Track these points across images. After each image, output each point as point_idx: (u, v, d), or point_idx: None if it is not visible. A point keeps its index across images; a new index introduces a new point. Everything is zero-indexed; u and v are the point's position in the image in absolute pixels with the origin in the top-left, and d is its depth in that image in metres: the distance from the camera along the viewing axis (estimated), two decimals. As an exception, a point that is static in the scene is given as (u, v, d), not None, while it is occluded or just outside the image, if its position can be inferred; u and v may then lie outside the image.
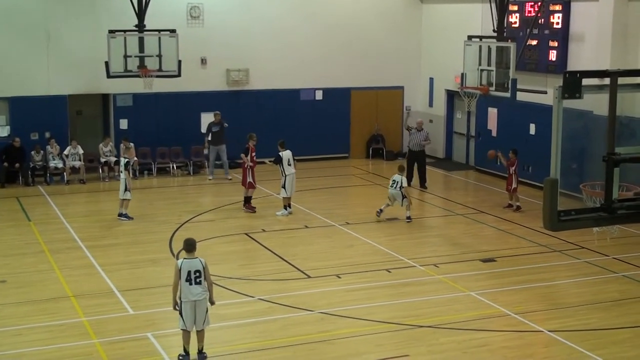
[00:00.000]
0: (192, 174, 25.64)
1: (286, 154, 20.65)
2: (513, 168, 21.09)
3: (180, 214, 20.31)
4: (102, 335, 12.66)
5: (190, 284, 11.48)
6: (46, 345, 12.25)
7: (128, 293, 14.54)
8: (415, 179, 23.81)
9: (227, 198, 22.27)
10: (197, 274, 11.52)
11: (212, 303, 11.90)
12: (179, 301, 11.60)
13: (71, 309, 13.83)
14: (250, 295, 14.46)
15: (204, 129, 26.57)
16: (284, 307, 13.92)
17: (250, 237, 18.31)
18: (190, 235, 14.97)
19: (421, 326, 13.11)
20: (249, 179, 20.64)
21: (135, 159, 24.24)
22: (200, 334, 11.78)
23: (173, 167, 25.79)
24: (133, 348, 12.22)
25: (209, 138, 25.15)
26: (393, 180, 19.73)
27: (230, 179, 24.65)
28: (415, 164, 24.01)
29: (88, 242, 17.75)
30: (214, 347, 12.27)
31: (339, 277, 15.55)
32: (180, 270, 11.51)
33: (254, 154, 20.78)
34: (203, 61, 26.60)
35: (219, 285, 15.00)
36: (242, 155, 20.99)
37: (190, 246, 11.74)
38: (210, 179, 24.75)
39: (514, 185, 21.04)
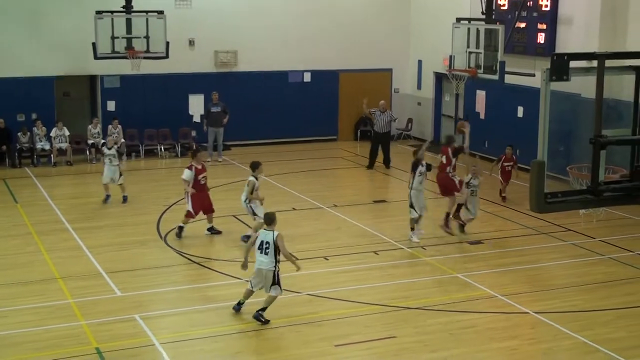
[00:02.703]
0: (180, 155, 25.58)
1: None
2: (511, 164, 20.76)
3: (168, 196, 20.27)
4: (89, 316, 12.65)
5: (260, 253, 12.36)
6: (34, 327, 12.23)
7: (115, 275, 14.52)
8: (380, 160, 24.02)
9: (215, 180, 22.18)
10: (267, 246, 12.31)
11: (297, 268, 12.77)
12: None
13: (58, 291, 13.81)
14: (238, 278, 14.45)
15: (192, 111, 26.54)
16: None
17: (238, 219, 18.29)
18: (176, 218, 15.02)
19: (408, 308, 13.16)
20: (189, 207, 17.03)
21: (123, 140, 24.22)
22: (269, 297, 12.44)
23: (161, 149, 25.71)
24: (120, 330, 12.22)
25: (207, 120, 25.04)
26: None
27: (220, 161, 24.63)
28: (380, 146, 24.10)
29: (75, 224, 17.71)
30: (202, 329, 12.30)
31: (327, 259, 15.58)
32: (257, 238, 12.46)
33: (200, 176, 17.03)
34: (191, 43, 26.48)
35: (207, 267, 15.06)
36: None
37: (269, 220, 12.58)
38: (208, 161, 24.69)
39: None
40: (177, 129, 26.09)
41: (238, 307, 12.78)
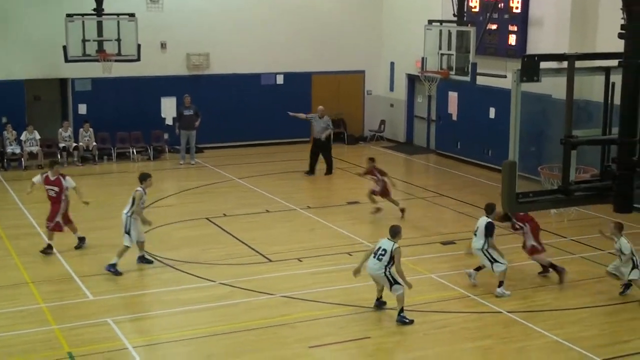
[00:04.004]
0: (152, 159, 25.47)
1: None
2: (371, 176, 19.11)
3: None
4: (61, 321, 12.55)
5: (374, 257, 12.70)
6: (5, 332, 12.12)
7: (87, 279, 14.42)
8: (322, 167, 23.53)
9: (188, 183, 22.18)
10: (383, 252, 12.65)
11: (409, 286, 12.77)
12: None
13: (30, 295, 13.69)
14: (211, 280, 14.42)
15: (164, 114, 26.45)
16: (246, 291, 13.91)
17: (211, 221, 18.24)
18: (153, 220, 14.97)
19: (383, 309, 13.17)
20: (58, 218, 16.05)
21: (94, 144, 24.06)
22: (396, 298, 12.70)
23: (133, 152, 25.58)
24: (93, 334, 12.13)
25: (179, 122, 24.94)
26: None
27: (193, 164, 24.56)
28: (320, 153, 23.59)
29: (44, 229, 17.52)
30: (175, 332, 12.25)
31: (300, 261, 15.58)
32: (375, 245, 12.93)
33: (48, 187, 16.12)
34: (163, 45, 26.38)
35: (180, 270, 14.97)
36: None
37: (394, 232, 12.91)
38: (181, 164, 24.59)
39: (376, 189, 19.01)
40: (150, 131, 25.96)
41: (378, 303, 13.12)
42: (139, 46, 22.49)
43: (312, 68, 28.29)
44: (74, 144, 24.73)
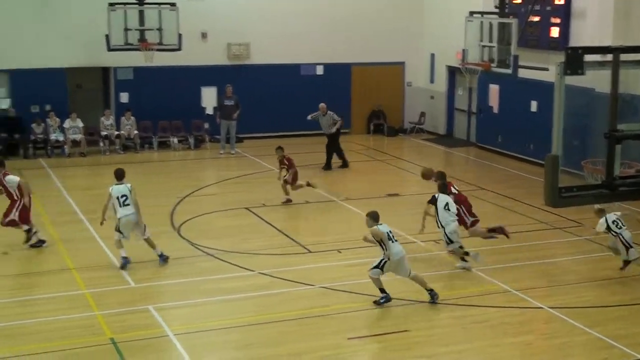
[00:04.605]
0: (193, 147, 25.65)
1: None
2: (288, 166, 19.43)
3: (181, 188, 20.31)
4: (103, 307, 12.70)
5: (395, 242, 12.96)
6: (49, 317, 12.29)
7: (129, 266, 14.55)
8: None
9: (228, 172, 22.29)
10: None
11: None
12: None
13: (73, 281, 13.88)
14: (251, 270, 14.50)
15: (204, 104, 26.61)
16: (285, 282, 13.96)
17: (251, 211, 18.33)
18: (189, 210, 15.05)
19: (421, 302, 13.15)
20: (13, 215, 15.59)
21: (136, 132, 24.31)
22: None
23: (174, 141, 25.77)
24: (134, 320, 12.27)
25: (220, 112, 25.09)
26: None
27: (235, 154, 24.70)
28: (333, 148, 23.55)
29: (89, 215, 17.74)
30: (215, 320, 12.34)
31: (340, 252, 15.59)
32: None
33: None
34: (204, 35, 26.51)
35: (220, 259, 15.08)
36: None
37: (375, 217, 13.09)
38: (221, 153, 24.74)
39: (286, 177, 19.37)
40: (190, 121, 26.15)
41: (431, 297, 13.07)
42: (180, 36, 22.60)
43: (352, 59, 28.25)
44: (116, 132, 25.01)
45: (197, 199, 19.49)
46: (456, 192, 15.64)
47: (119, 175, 14.95)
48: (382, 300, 12.96)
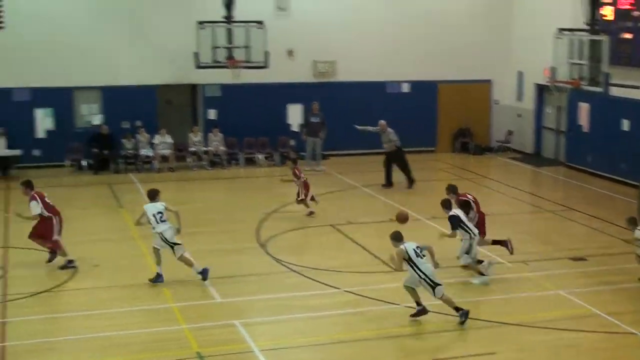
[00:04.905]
0: (278, 164, 25.85)
1: None
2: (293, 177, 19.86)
3: (266, 204, 20.44)
4: (190, 321, 12.85)
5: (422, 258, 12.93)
6: (137, 329, 12.50)
7: (215, 281, 14.69)
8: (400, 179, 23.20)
9: (313, 189, 22.29)
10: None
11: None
12: None
13: (161, 295, 14.08)
14: (336, 287, 14.48)
15: (290, 120, 26.81)
16: (370, 300, 13.89)
17: (336, 228, 18.34)
18: (274, 226, 15.11)
19: (508, 324, 12.92)
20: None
21: (223, 148, 24.53)
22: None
23: (260, 157, 26.02)
24: (221, 335, 12.38)
25: (307, 129, 25.27)
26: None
27: (320, 171, 24.80)
28: (394, 165, 23.22)
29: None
30: (301, 337, 12.35)
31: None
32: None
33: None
34: (290, 53, 26.75)
35: (305, 276, 15.10)
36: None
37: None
38: (307, 170, 24.87)
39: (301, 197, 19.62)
40: (276, 137, 26.38)
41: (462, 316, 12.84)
42: (267, 53, 22.85)
43: (439, 77, 28.09)
44: (204, 148, 25.41)
45: (283, 216, 19.59)
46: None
47: (152, 196, 15.06)
48: (418, 314, 12.93)
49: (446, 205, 15.26)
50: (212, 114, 26.42)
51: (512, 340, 12.38)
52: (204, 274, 14.65)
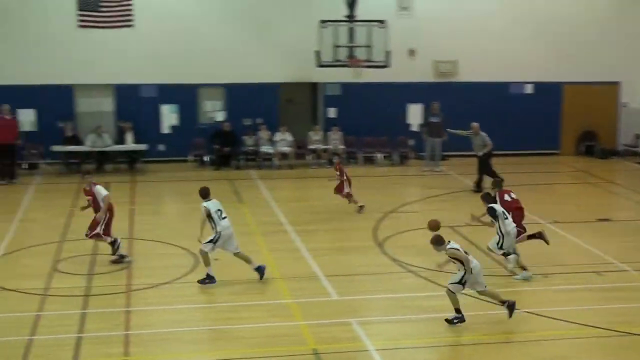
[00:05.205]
0: (397, 164, 25.75)
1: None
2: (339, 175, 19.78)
3: (384, 204, 20.38)
4: (307, 318, 12.91)
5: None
6: (256, 324, 12.63)
7: (332, 278, 14.75)
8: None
9: (432, 190, 22.16)
10: None
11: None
12: None
13: (278, 291, 14.22)
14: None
15: (410, 120, 26.68)
16: (488, 304, 13.59)
17: (454, 230, 18.10)
18: (392, 225, 15.04)
19: (634, 334, 12.43)
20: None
21: (342, 147, 24.59)
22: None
23: (379, 156, 26.00)
24: (337, 333, 12.38)
25: (426, 129, 25.12)
26: None
27: (439, 172, 24.59)
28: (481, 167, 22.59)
29: (295, 227, 18.21)
30: (417, 338, 12.25)
31: (546, 277, 15.05)
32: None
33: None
34: (411, 52, 26.60)
35: (423, 277, 14.97)
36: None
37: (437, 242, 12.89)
38: (426, 170, 24.73)
39: (346, 190, 19.73)
40: (395, 137, 26.27)
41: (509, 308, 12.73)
42: (388, 52, 22.77)
43: (563, 78, 27.38)
44: (323, 147, 25.57)
45: (401, 215, 19.49)
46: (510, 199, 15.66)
47: (206, 194, 14.88)
48: (455, 321, 12.59)
49: (485, 199, 15.27)
50: (332, 112, 26.57)
51: (637, 351, 11.92)
52: (260, 270, 14.60)
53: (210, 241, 14.39)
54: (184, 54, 25.39)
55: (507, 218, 14.82)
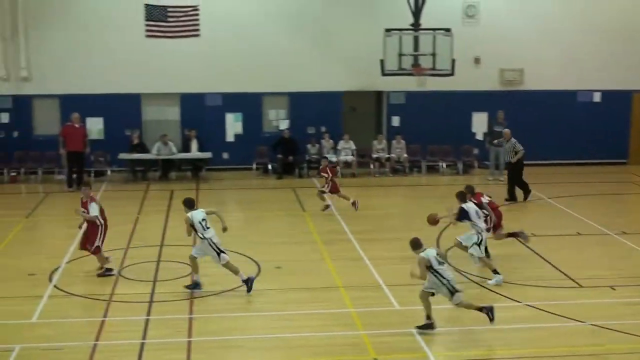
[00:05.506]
0: (461, 173, 25.53)
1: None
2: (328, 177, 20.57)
3: (446, 213, 20.14)
4: (368, 327, 12.85)
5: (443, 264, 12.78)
6: (315, 332, 12.64)
7: (394, 288, 14.66)
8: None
9: (496, 199, 21.75)
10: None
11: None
12: None
13: (340, 299, 14.19)
14: (517, 300, 14.07)
15: (474, 129, 26.43)
16: (553, 316, 13.40)
17: (518, 240, 17.83)
18: (457, 234, 14.91)
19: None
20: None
21: (405, 155, 24.47)
22: None
23: (442, 165, 25.80)
24: (398, 343, 12.30)
25: (490, 138, 24.87)
26: None
27: (502, 181, 24.27)
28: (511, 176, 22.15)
29: (357, 235, 18.16)
30: (478, 350, 12.09)
31: (614, 289, 14.71)
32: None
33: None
34: (477, 60, 26.35)
35: (485, 288, 14.78)
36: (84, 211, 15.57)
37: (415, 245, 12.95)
38: (490, 179, 24.47)
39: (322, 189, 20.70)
40: (459, 146, 26.05)
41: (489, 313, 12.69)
42: (453, 61, 22.58)
43: (633, 86, 26.81)
44: (386, 155, 25.49)
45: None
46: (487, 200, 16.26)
47: (192, 204, 14.64)
48: (425, 327, 12.59)
49: (460, 197, 15.61)
50: (395, 120, 26.48)
51: None
52: (248, 283, 14.40)
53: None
54: (249, 62, 25.58)
55: (483, 217, 15.47)
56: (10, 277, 15.26)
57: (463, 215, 15.30)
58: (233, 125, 26.16)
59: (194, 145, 25.34)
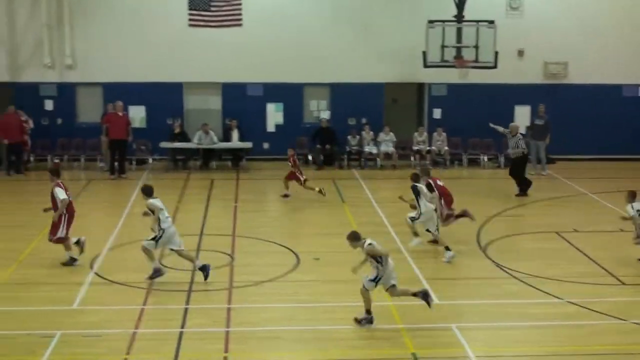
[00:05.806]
0: (502, 166, 25.31)
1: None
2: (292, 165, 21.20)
3: (489, 207, 20.02)
4: (407, 321, 12.78)
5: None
6: (354, 325, 12.60)
7: (434, 282, 14.56)
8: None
9: (537, 194, 21.65)
10: None
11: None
12: None
13: (378, 293, 14.05)
14: (558, 297, 13.90)
15: (517, 122, 26.11)
16: (594, 313, 13.22)
17: (560, 236, 17.65)
18: (496, 229, 14.75)
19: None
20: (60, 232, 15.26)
21: (446, 148, 24.31)
22: None
23: (484, 158, 25.59)
24: (437, 337, 12.22)
25: (531, 131, 24.63)
26: None
27: (546, 175, 24.06)
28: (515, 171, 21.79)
29: (396, 228, 18.07)
30: (518, 347, 11.98)
31: (656, 287, 14.52)
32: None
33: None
34: (520, 53, 26.10)
35: (526, 283, 14.63)
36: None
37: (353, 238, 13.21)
38: (532, 174, 24.22)
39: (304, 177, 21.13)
40: (501, 139, 25.76)
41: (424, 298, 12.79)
42: (496, 53, 22.38)
43: (681, 79, 26.41)
44: (427, 148, 25.35)
45: (505, 219, 19.13)
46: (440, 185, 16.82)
47: (151, 191, 14.52)
48: (363, 322, 12.58)
49: (412, 178, 16.38)
50: (437, 113, 26.32)
51: None
52: (204, 270, 14.43)
53: (153, 239, 14.34)
54: (290, 53, 25.59)
55: (429, 199, 16.11)
56: (52, 263, 15.43)
57: (415, 191, 16.11)
58: (274, 115, 26.20)
59: (235, 134, 25.43)
